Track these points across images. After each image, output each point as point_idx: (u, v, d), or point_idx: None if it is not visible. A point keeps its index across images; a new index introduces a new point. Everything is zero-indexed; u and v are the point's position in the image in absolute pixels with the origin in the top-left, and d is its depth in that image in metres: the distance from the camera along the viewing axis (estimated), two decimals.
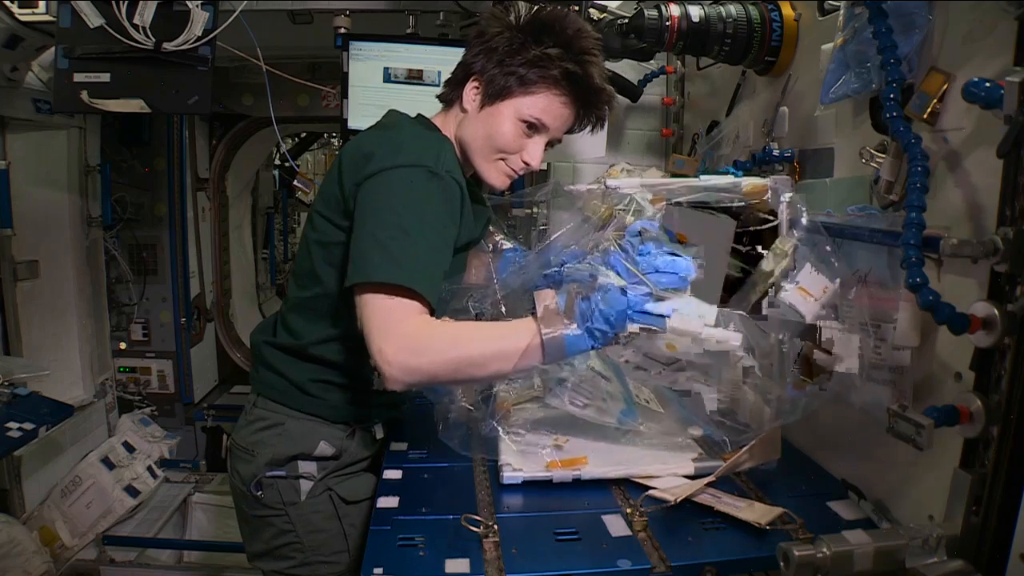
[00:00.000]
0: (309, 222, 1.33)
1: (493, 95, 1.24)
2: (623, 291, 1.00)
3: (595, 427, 1.29)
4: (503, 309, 1.21)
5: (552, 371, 1.26)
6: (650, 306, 1.00)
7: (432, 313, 1.11)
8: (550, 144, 1.32)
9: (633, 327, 1.00)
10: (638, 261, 1.02)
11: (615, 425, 1.28)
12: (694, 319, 1.00)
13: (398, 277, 1.08)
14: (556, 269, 1.18)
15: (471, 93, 1.28)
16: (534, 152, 1.28)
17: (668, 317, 0.99)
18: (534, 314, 1.05)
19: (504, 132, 1.25)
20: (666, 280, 1.01)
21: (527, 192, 1.62)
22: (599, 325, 1.00)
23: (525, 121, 1.25)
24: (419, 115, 1.36)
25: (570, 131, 1.34)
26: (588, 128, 1.35)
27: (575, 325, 1.02)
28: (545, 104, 1.24)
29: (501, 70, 1.23)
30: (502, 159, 1.28)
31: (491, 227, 1.51)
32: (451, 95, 1.33)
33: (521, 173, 1.31)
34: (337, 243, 1.25)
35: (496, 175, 1.30)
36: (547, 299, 1.05)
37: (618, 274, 1.03)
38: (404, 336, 1.06)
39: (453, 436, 1.26)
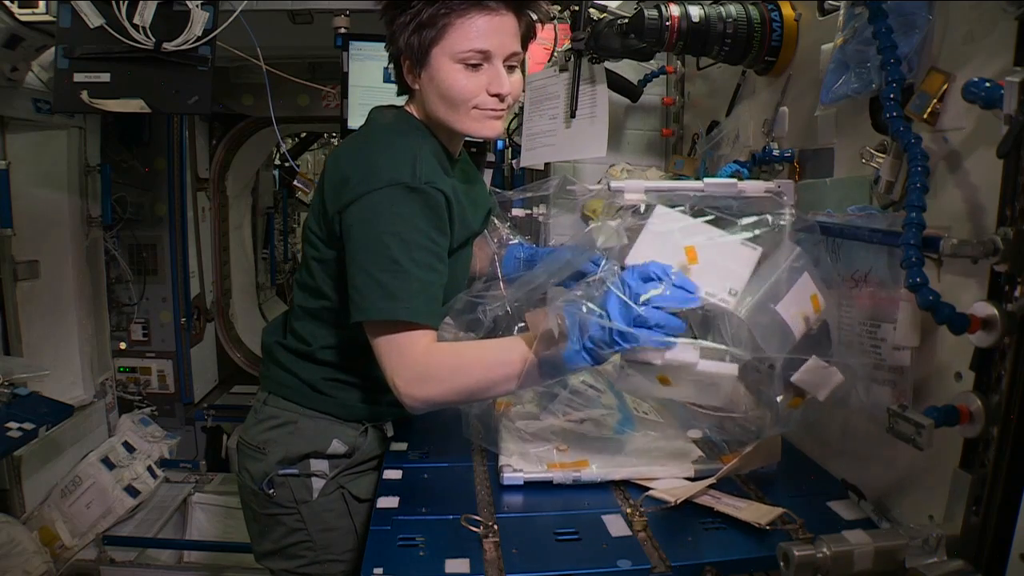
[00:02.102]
0: (305, 239, 1.33)
1: (420, 57, 1.19)
2: (607, 313, 0.95)
3: (595, 436, 1.29)
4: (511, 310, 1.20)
5: (545, 387, 1.24)
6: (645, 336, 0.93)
7: (437, 326, 1.14)
8: (512, 64, 1.22)
9: (628, 352, 0.96)
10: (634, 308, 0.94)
11: (612, 436, 1.27)
12: (690, 351, 0.95)
13: (395, 313, 1.11)
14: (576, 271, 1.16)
15: (409, 73, 1.24)
16: (495, 80, 1.19)
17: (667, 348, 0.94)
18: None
19: (452, 82, 1.18)
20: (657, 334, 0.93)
21: (530, 187, 1.60)
22: (590, 343, 0.97)
23: (461, 62, 1.17)
24: (401, 110, 1.31)
25: (528, 34, 1.26)
26: (543, 19, 1.24)
27: (568, 343, 0.99)
28: (464, 30, 1.15)
29: (409, 33, 1.18)
30: (474, 107, 1.20)
31: (496, 221, 1.50)
32: (402, 88, 1.31)
33: (501, 108, 1.21)
34: (332, 259, 1.26)
35: (479, 125, 1.22)
36: (539, 317, 1.04)
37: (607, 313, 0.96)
38: (410, 368, 1.10)
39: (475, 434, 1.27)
